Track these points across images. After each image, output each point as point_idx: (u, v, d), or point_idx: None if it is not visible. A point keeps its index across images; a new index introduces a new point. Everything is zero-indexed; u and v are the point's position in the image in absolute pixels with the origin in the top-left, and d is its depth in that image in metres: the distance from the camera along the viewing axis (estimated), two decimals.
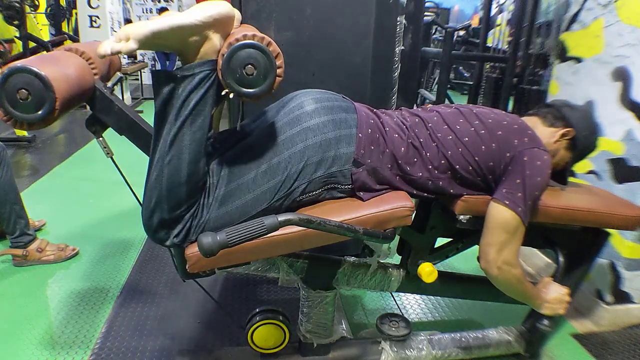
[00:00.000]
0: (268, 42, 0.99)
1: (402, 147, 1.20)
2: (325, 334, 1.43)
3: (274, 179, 1.11)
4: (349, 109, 1.21)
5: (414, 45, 3.54)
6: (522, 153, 1.20)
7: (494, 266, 1.21)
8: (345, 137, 1.15)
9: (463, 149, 1.22)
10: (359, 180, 1.17)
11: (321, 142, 1.12)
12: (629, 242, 1.81)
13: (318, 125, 1.13)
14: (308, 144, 1.12)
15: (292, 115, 1.16)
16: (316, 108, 1.16)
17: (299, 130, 1.13)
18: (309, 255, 1.37)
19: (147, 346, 1.64)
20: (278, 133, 1.14)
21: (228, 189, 1.10)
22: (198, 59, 1.00)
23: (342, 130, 1.15)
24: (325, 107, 1.18)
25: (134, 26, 0.92)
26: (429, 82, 6.63)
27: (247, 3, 1.63)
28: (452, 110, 1.32)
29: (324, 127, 1.14)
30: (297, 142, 1.12)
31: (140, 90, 7.08)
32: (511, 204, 1.17)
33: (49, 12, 7.68)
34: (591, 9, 1.92)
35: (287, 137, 1.13)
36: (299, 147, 1.12)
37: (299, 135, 1.12)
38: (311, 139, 1.12)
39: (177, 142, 1.02)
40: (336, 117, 1.16)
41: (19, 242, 2.14)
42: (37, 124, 0.97)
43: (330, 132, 1.14)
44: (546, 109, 1.41)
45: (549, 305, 1.34)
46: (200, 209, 1.08)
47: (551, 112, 1.39)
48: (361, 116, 1.20)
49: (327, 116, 1.16)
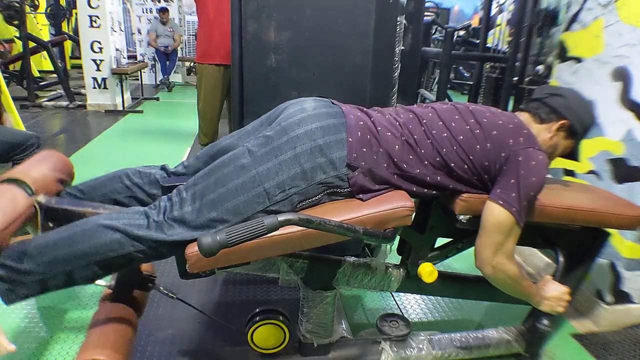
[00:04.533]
0: None
1: (396, 145, 1.20)
2: (325, 334, 1.43)
3: (264, 184, 1.11)
4: (336, 114, 1.21)
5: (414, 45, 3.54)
6: (516, 153, 1.20)
7: (488, 265, 1.22)
8: (335, 142, 1.16)
9: (458, 147, 1.22)
10: (356, 183, 1.17)
11: (311, 149, 1.13)
12: (629, 242, 1.81)
13: (306, 133, 1.14)
14: (297, 152, 1.13)
15: (280, 127, 1.17)
16: (303, 117, 1.18)
17: (286, 139, 1.14)
18: (309, 255, 1.37)
19: (147, 346, 1.65)
20: (266, 143, 1.15)
21: (217, 193, 1.11)
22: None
23: (331, 136, 1.16)
24: (313, 115, 1.19)
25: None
26: (429, 82, 6.64)
27: (247, 3, 1.63)
28: (448, 107, 1.31)
29: (312, 135, 1.15)
30: (286, 150, 1.13)
31: (141, 90, 7.08)
32: (505, 204, 1.17)
33: (49, 12, 7.69)
34: (591, 9, 1.92)
35: (275, 146, 1.14)
36: (289, 154, 1.12)
37: (287, 144, 1.13)
38: (300, 147, 1.13)
39: None
40: (324, 124, 1.17)
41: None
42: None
43: (320, 138, 1.15)
44: (535, 104, 1.39)
45: (548, 302, 1.34)
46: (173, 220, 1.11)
47: (540, 108, 1.37)
48: (350, 119, 1.20)
49: (315, 124, 1.17)
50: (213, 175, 1.14)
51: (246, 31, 1.65)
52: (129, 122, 5.46)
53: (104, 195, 1.32)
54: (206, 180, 1.14)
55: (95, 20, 5.68)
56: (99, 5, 5.63)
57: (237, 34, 1.67)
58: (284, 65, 1.69)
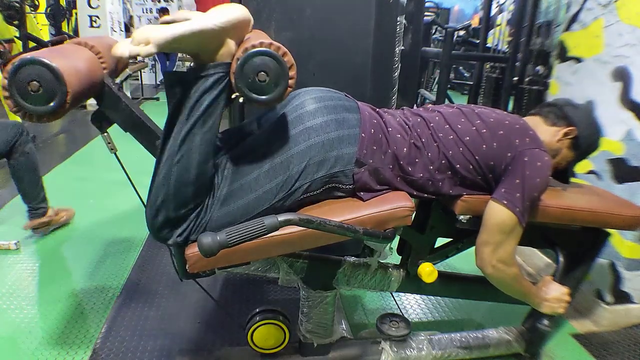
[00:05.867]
0: (284, 52, 1.00)
1: (405, 148, 1.20)
2: (325, 334, 1.43)
3: (275, 178, 1.10)
4: (351, 109, 1.21)
5: (414, 45, 3.54)
6: (522, 153, 1.20)
7: (488, 265, 1.22)
8: (348, 137, 1.15)
9: (464, 148, 1.22)
10: (360, 181, 1.17)
11: (324, 141, 1.12)
12: (629, 242, 1.81)
13: (321, 125, 1.13)
14: (310, 144, 1.11)
15: (295, 115, 1.15)
16: (318, 107, 1.16)
17: (301, 129, 1.13)
18: (309, 255, 1.37)
19: (147, 346, 1.64)
20: (280, 132, 1.13)
21: (231, 189, 1.10)
22: (213, 61, 1.00)
23: (345, 130, 1.15)
24: (328, 106, 1.17)
25: (154, 30, 0.92)
26: (429, 82, 6.63)
27: (247, 3, 1.63)
28: (454, 110, 1.32)
29: (326, 127, 1.13)
30: (300, 141, 1.12)
31: (141, 90, 7.07)
32: (509, 204, 1.18)
33: (49, 12, 7.67)
34: (591, 9, 1.92)
35: (289, 136, 1.12)
36: (302, 146, 1.11)
37: (301, 135, 1.12)
38: (314, 139, 1.12)
39: (188, 142, 1.02)
40: (339, 117, 1.16)
41: (40, 209, 2.40)
42: (47, 117, 0.96)
43: (333, 131, 1.14)
44: (548, 108, 1.41)
45: (548, 304, 1.34)
46: (204, 209, 1.09)
47: (553, 111, 1.38)
48: (364, 116, 1.19)
49: (330, 115, 1.15)
50: (228, 166, 1.12)
51: None
52: None
53: None
54: (222, 174, 1.12)
55: (95, 20, 5.69)
56: (99, 5, 5.63)
57: None
58: None
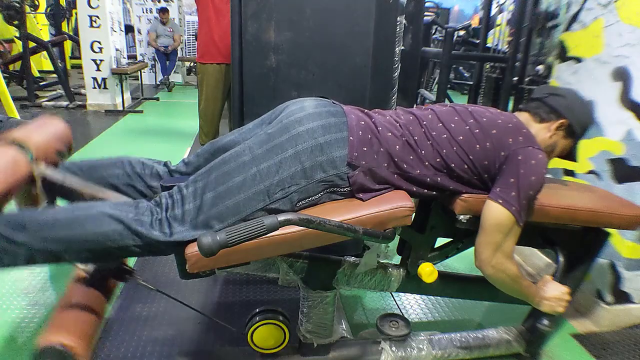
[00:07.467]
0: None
1: (397, 145, 1.21)
2: (325, 334, 1.43)
3: (264, 182, 1.12)
4: (337, 113, 1.22)
5: (414, 45, 3.54)
6: (516, 152, 1.20)
7: (487, 265, 1.22)
8: (336, 141, 1.16)
9: (457, 147, 1.23)
10: (356, 182, 1.17)
11: (312, 147, 1.14)
12: (629, 242, 1.81)
13: (308, 131, 1.15)
14: (298, 150, 1.13)
15: (281, 124, 1.18)
16: (305, 115, 1.18)
17: (288, 137, 1.15)
18: (309, 255, 1.37)
19: (147, 346, 1.64)
20: (267, 141, 1.15)
21: (218, 191, 1.12)
22: None
23: (333, 134, 1.16)
24: (314, 113, 1.19)
25: None
26: (429, 82, 6.63)
27: (247, 3, 1.63)
28: (447, 109, 1.32)
29: (313, 133, 1.15)
30: (287, 147, 1.13)
31: (140, 90, 7.08)
32: (505, 203, 1.18)
33: (49, 12, 7.69)
34: (591, 9, 1.92)
35: (276, 144, 1.14)
36: (290, 152, 1.13)
37: (288, 142, 1.14)
38: (301, 145, 1.13)
39: None
40: (325, 122, 1.18)
41: None
42: None
43: (321, 137, 1.15)
44: (534, 104, 1.40)
45: (548, 303, 1.34)
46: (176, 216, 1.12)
47: (540, 107, 1.37)
48: (351, 119, 1.21)
49: (316, 122, 1.17)
50: (214, 173, 1.15)
51: (246, 31, 1.66)
52: (129, 122, 5.46)
53: (101, 178, 1.29)
54: (207, 177, 1.14)
55: (95, 20, 5.68)
56: (99, 5, 5.62)
57: (237, 34, 1.67)
58: (284, 66, 1.69)
